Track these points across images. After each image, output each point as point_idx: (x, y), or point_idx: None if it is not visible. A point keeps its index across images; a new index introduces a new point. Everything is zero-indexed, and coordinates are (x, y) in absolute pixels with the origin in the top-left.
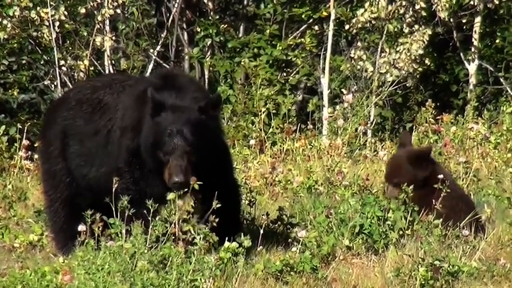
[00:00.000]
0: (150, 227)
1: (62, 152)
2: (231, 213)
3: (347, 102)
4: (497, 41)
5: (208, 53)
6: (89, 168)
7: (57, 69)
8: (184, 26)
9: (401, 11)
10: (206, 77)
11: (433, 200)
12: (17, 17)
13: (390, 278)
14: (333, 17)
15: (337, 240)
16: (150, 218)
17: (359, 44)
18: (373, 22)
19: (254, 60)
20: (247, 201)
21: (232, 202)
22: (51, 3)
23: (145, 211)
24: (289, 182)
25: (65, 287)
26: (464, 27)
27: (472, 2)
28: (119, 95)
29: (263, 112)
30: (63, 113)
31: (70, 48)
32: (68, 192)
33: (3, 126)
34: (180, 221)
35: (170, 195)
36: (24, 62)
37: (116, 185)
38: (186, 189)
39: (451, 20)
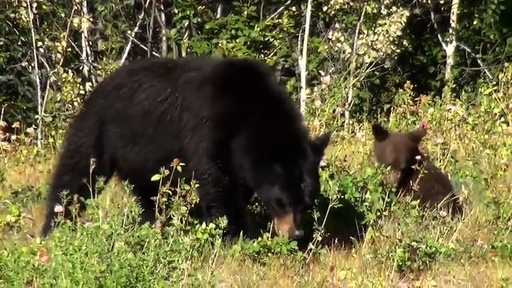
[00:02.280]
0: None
1: (97, 141)
2: None
3: (325, 83)
4: (475, 22)
5: (186, 35)
6: (131, 147)
7: (34, 50)
8: (162, 8)
9: None
10: None
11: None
12: None
13: (368, 259)
14: None
15: (316, 222)
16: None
17: (337, 25)
18: (350, 4)
19: (232, 41)
20: None
21: None
22: None
23: (232, 203)
24: None
25: (42, 268)
26: (442, 9)
27: None
28: (166, 78)
29: None
30: (99, 101)
31: (47, 29)
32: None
33: None
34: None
35: (155, 177)
36: (1, 43)
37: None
38: None
39: (429, 1)
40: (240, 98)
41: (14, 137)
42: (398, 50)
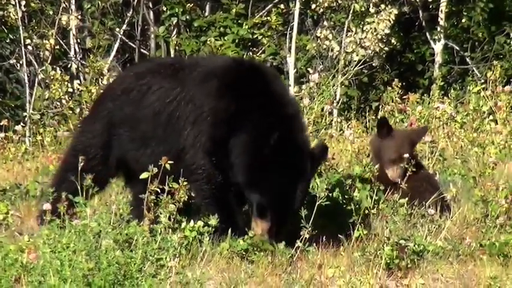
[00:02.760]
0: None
1: (105, 144)
2: None
3: (313, 81)
4: (463, 20)
5: (174, 32)
6: (143, 150)
7: (22, 48)
8: (150, 5)
9: None
10: (172, 56)
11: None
12: None
13: (356, 257)
14: None
15: (304, 219)
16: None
17: (325, 23)
18: (339, 1)
19: (220, 39)
20: None
21: None
22: None
23: (224, 201)
24: None
25: (30, 265)
26: (430, 7)
27: None
28: (174, 78)
29: None
30: (108, 105)
31: (36, 27)
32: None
33: None
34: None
35: (143, 175)
36: None
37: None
38: None
39: None
40: (243, 97)
41: (2, 135)
42: (386, 48)
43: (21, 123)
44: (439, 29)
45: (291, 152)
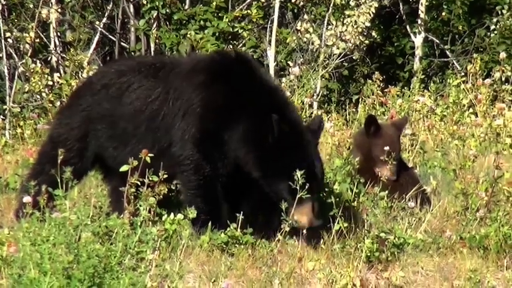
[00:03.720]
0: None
1: (82, 137)
2: None
3: (293, 74)
4: (443, 13)
5: (154, 25)
6: (122, 148)
7: (2, 41)
8: None
9: None
10: (152, 49)
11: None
12: None
13: (336, 250)
14: None
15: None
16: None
17: (305, 16)
18: None
19: (200, 32)
20: None
21: None
22: None
23: (211, 193)
24: None
25: (10, 258)
26: (410, 0)
27: None
28: (156, 77)
29: None
30: (87, 99)
31: (16, 20)
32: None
33: None
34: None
35: (124, 167)
36: None
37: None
38: None
39: None
40: (233, 88)
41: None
42: (366, 41)
43: (1, 116)
44: (419, 22)
45: (293, 132)
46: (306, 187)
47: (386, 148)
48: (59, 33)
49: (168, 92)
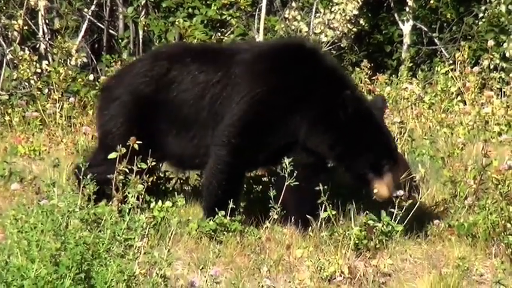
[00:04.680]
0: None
1: (136, 128)
2: None
3: None
4: (431, 1)
5: (143, 13)
6: (183, 134)
7: None
8: None
9: None
10: (141, 37)
11: None
12: None
13: (324, 238)
14: None
15: (272, 200)
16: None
17: (293, 4)
18: None
19: (188, 20)
20: None
21: None
22: None
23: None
24: None
25: None
26: None
27: None
28: (215, 62)
29: None
30: (136, 87)
31: (4, 7)
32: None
33: None
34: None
35: (112, 154)
36: None
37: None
38: None
39: None
40: (299, 74)
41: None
42: (355, 29)
43: None
44: (407, 9)
45: (364, 108)
46: (385, 161)
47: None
48: (47, 21)
49: (229, 77)
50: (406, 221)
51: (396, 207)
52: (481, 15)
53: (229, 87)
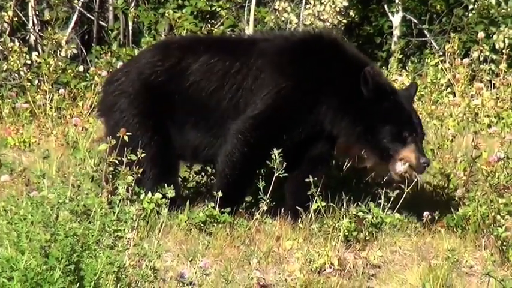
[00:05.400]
0: None
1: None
2: None
3: None
4: None
5: (133, 4)
6: (204, 124)
7: None
8: None
9: None
10: (130, 28)
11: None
12: None
13: (314, 229)
14: None
15: (261, 191)
16: None
17: None
18: None
19: (178, 11)
20: None
21: None
22: None
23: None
24: None
25: None
26: None
27: None
28: (234, 52)
29: None
30: (152, 80)
31: None
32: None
33: None
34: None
35: (101, 147)
36: None
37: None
38: None
39: None
40: (319, 67)
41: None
42: (344, 21)
43: None
44: (397, 1)
45: (387, 84)
46: (407, 133)
47: None
48: (37, 12)
49: (250, 68)
50: (395, 213)
51: (383, 198)
52: (471, 6)
53: (250, 78)
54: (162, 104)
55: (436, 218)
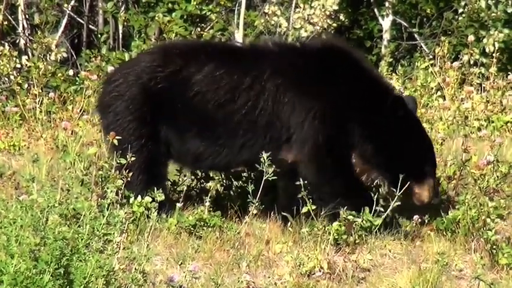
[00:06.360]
0: None
1: (155, 133)
2: None
3: None
4: None
5: (123, 8)
6: (210, 141)
7: None
8: None
9: None
10: (120, 32)
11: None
12: None
13: (304, 233)
14: None
15: (251, 195)
16: None
17: None
18: None
19: (168, 15)
20: None
21: None
22: None
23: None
24: None
25: None
26: None
27: None
28: (238, 64)
29: None
30: (151, 87)
31: None
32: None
33: None
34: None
35: (91, 150)
36: None
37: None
38: None
39: None
40: (346, 85)
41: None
42: (334, 24)
43: None
44: (387, 4)
45: (408, 111)
46: (428, 165)
47: None
48: (27, 16)
49: (264, 85)
50: (385, 216)
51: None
52: (460, 10)
53: (269, 98)
54: (160, 111)
55: (426, 221)
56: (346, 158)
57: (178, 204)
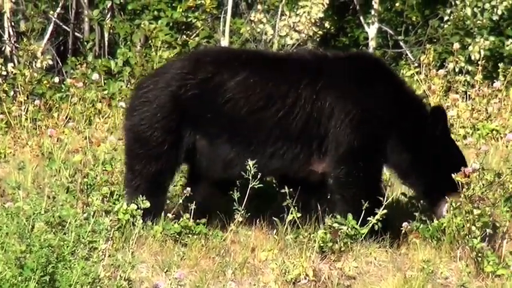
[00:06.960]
0: None
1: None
2: None
3: None
4: (397, 4)
5: (108, 15)
6: (243, 146)
7: None
8: None
9: None
10: (106, 39)
11: None
12: None
13: (289, 240)
14: None
15: (237, 202)
16: None
17: (259, 6)
18: None
19: (154, 22)
20: None
21: None
22: None
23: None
24: None
25: None
26: None
27: None
28: (275, 72)
29: None
30: (179, 96)
31: None
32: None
33: None
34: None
35: (76, 158)
36: None
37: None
38: None
39: None
40: (386, 97)
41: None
42: (320, 32)
43: None
44: (373, 12)
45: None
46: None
47: None
48: (13, 23)
49: (300, 93)
50: (370, 224)
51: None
52: (446, 18)
53: (306, 103)
54: (188, 118)
55: (411, 229)
56: (379, 163)
57: (170, 215)
